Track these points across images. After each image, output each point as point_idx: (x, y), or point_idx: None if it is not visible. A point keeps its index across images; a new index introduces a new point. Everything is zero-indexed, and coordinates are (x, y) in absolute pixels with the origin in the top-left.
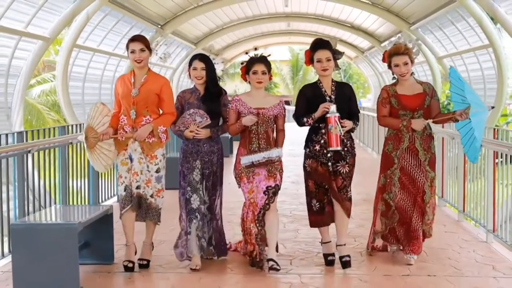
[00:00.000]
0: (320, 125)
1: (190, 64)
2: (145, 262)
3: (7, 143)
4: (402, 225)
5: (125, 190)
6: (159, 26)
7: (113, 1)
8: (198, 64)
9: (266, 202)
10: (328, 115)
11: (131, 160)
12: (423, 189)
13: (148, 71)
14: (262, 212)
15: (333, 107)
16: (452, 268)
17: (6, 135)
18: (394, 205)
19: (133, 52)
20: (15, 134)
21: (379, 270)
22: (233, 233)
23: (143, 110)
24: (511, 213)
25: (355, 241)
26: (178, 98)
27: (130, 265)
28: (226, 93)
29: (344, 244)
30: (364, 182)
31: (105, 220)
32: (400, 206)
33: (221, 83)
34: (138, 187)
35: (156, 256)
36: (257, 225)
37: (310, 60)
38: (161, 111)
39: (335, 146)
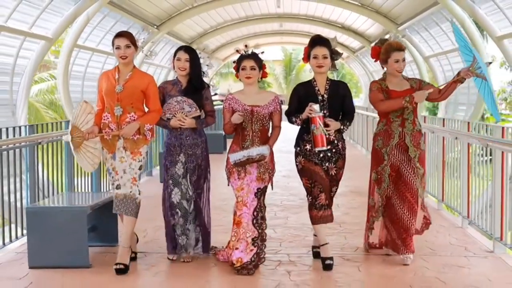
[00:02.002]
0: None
1: (175, 55)
2: (132, 255)
3: (20, 135)
4: (393, 224)
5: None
6: (155, 27)
7: (112, 3)
8: (183, 55)
9: (260, 204)
10: (311, 115)
11: (115, 159)
12: (413, 186)
13: (134, 68)
14: (259, 214)
15: (316, 107)
16: (428, 249)
17: (20, 127)
18: (381, 200)
19: (118, 48)
20: (27, 127)
21: (361, 250)
22: (227, 221)
23: (127, 107)
24: (486, 204)
25: (340, 227)
26: (159, 89)
27: (132, 255)
28: (209, 86)
29: (327, 243)
30: (353, 176)
31: (110, 206)
32: (389, 203)
33: (205, 78)
34: (118, 187)
35: (157, 240)
36: (257, 228)
37: (307, 56)
38: (146, 109)
39: (320, 146)
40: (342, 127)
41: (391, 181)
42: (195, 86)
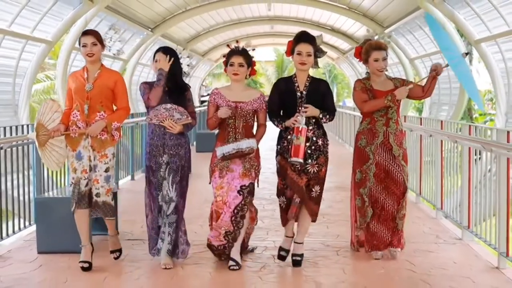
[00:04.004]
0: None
1: (154, 57)
2: (118, 254)
3: (28, 132)
4: (381, 222)
5: (73, 189)
6: (150, 30)
7: (109, 7)
8: (161, 57)
9: (242, 203)
10: (295, 125)
11: (80, 157)
12: (402, 183)
13: (101, 66)
14: (239, 213)
15: (301, 119)
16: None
17: (28, 125)
18: (368, 200)
19: (84, 46)
20: (33, 125)
21: (342, 238)
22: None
23: (97, 105)
24: (460, 199)
25: (323, 218)
26: (143, 88)
27: (86, 265)
28: (190, 87)
29: (302, 243)
30: (339, 173)
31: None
32: (376, 201)
33: (185, 79)
34: (87, 185)
35: None
36: (234, 225)
37: (291, 51)
38: (115, 107)
39: (297, 157)
40: (320, 116)
41: (376, 180)
42: (177, 88)
